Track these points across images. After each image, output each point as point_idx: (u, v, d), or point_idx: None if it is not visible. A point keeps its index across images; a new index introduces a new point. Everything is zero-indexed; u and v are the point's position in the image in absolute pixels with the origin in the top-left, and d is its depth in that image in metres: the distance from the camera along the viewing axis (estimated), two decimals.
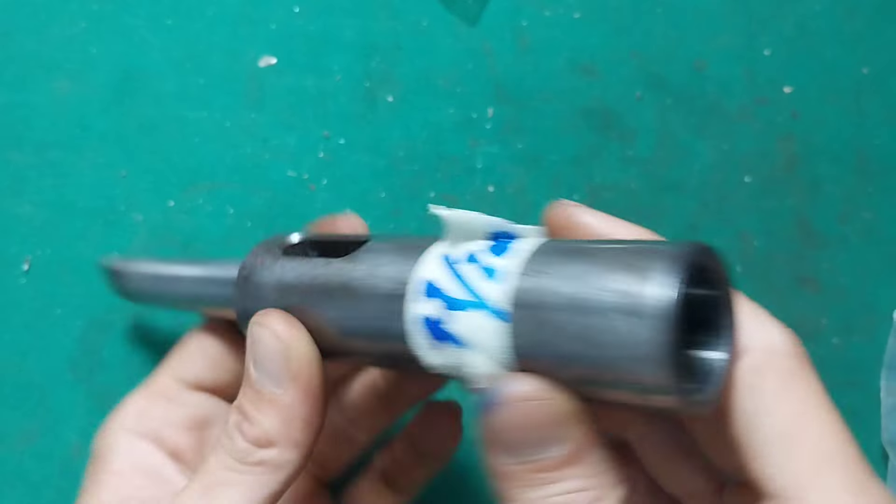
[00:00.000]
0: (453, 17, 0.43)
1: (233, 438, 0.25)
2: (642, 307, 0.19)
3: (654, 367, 0.18)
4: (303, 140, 0.41)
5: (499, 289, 0.21)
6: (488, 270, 0.22)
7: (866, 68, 0.45)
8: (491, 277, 0.21)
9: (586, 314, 0.19)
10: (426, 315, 0.22)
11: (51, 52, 0.40)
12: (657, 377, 0.19)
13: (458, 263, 0.23)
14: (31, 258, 0.39)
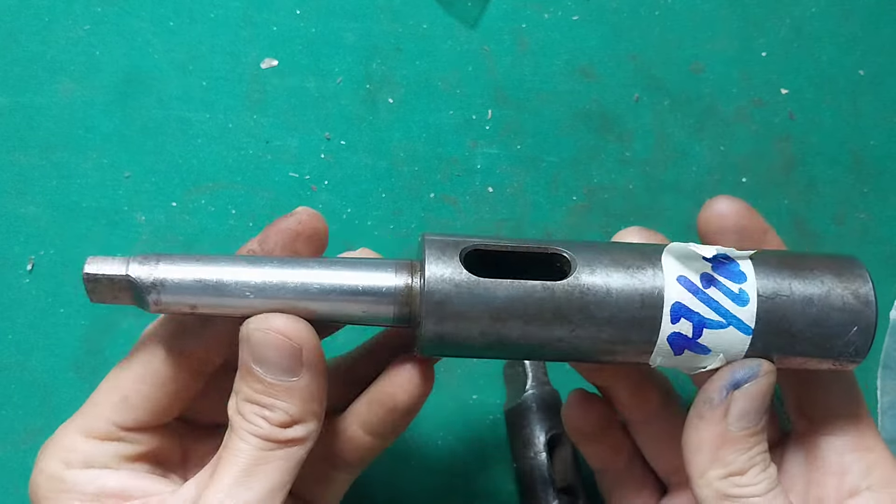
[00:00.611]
0: (453, 19, 0.43)
1: (257, 425, 0.27)
2: (861, 312, 0.28)
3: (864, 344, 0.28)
4: (304, 141, 0.41)
5: (746, 311, 0.27)
6: (734, 296, 0.27)
7: (862, 70, 0.45)
8: (737, 302, 0.27)
9: (819, 321, 0.28)
10: (676, 332, 0.27)
11: (55, 54, 0.41)
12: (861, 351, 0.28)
13: (698, 285, 0.27)
14: (35, 258, 0.39)
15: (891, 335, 0.42)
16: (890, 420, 0.42)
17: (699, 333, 0.27)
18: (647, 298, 0.27)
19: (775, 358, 0.28)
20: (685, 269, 0.27)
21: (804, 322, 0.27)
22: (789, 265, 0.28)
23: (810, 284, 0.28)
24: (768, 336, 0.27)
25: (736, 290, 0.27)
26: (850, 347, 0.28)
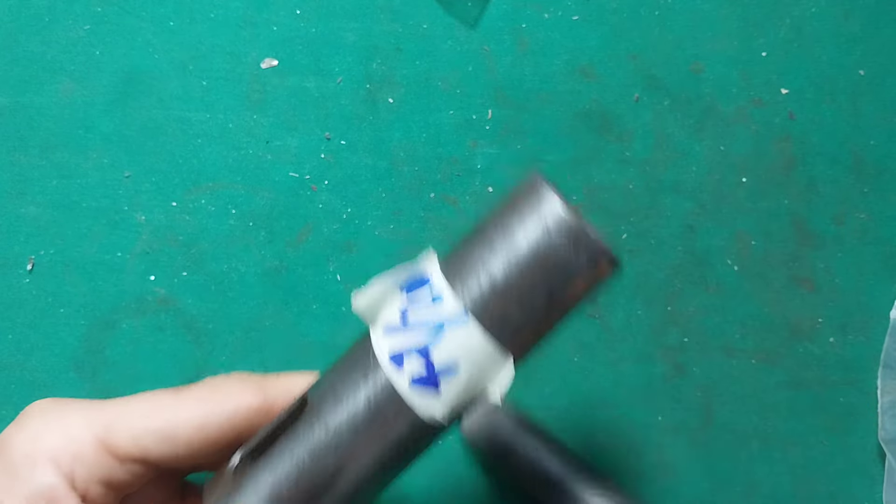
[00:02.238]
0: (453, 19, 0.43)
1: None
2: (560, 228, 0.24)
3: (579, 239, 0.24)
4: (304, 141, 0.42)
5: (446, 304, 0.24)
6: (427, 303, 0.24)
7: (863, 70, 0.45)
8: (434, 305, 0.24)
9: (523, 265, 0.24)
10: (413, 377, 0.24)
11: (55, 54, 0.41)
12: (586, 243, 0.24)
13: (402, 322, 0.24)
14: (35, 258, 0.40)
15: (891, 335, 0.42)
16: (890, 420, 0.42)
17: (428, 360, 0.24)
18: (370, 380, 0.24)
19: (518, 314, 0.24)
20: (386, 317, 0.25)
21: (506, 267, 0.23)
22: (468, 236, 0.25)
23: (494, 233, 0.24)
24: (487, 301, 0.24)
25: (429, 298, 0.24)
26: (581, 257, 0.24)
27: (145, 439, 0.26)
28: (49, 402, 0.27)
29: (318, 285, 0.41)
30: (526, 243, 0.23)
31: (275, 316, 0.40)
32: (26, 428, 0.26)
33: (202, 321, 0.40)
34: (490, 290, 0.24)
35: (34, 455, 0.25)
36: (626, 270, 0.42)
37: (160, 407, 0.26)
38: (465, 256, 0.24)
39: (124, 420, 0.26)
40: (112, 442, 0.26)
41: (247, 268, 0.40)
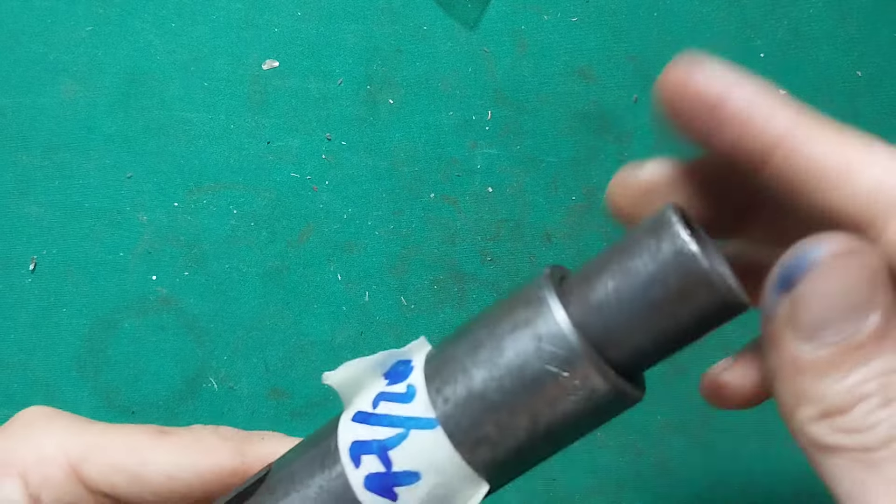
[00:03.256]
0: (453, 21, 0.43)
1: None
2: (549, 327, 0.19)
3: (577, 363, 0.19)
4: (305, 142, 0.42)
5: (417, 403, 0.21)
6: (399, 397, 0.21)
7: (860, 71, 0.45)
8: (405, 401, 0.21)
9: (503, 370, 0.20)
10: (367, 474, 0.21)
11: (57, 55, 0.41)
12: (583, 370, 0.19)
13: (371, 412, 0.22)
14: (37, 258, 0.40)
15: None
16: None
17: (387, 460, 0.21)
18: (326, 468, 0.22)
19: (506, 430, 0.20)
20: (359, 403, 0.22)
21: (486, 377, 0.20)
22: (462, 328, 0.22)
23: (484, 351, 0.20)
24: (461, 412, 0.20)
25: (403, 390, 0.21)
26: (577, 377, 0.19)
27: (116, 476, 0.25)
28: (38, 414, 0.27)
29: (319, 285, 0.41)
30: (513, 353, 0.20)
31: (276, 315, 0.40)
32: (10, 436, 0.26)
33: (204, 321, 0.40)
34: (465, 400, 0.20)
35: (6, 467, 0.25)
36: None
37: (138, 446, 0.26)
38: (450, 353, 0.21)
39: (100, 452, 0.26)
40: (84, 471, 0.26)
41: (248, 267, 0.41)
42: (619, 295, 0.19)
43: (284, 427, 0.40)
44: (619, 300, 0.19)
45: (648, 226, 0.20)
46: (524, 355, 0.20)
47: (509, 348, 0.20)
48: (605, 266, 0.20)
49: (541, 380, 0.19)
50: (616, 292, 0.19)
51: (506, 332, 0.20)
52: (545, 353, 0.19)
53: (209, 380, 0.40)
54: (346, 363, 0.22)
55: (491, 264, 0.42)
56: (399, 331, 0.41)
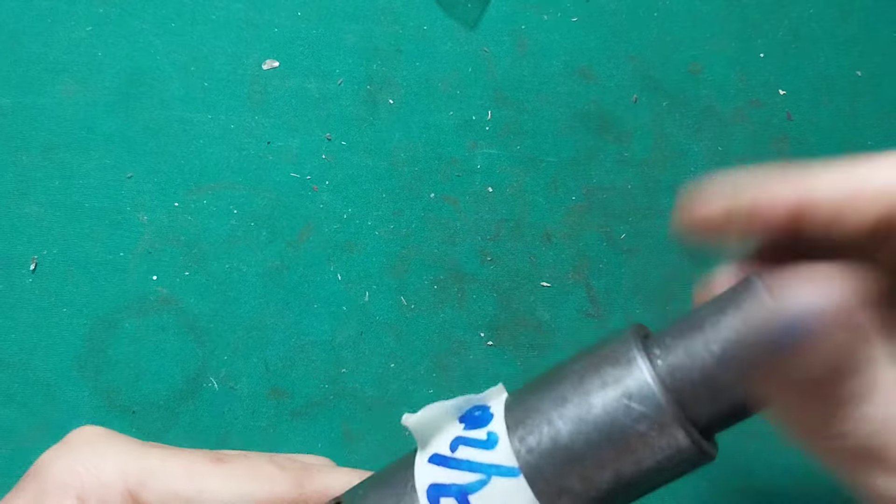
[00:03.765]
0: (453, 21, 0.43)
1: None
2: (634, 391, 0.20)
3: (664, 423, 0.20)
4: (305, 142, 0.42)
5: (499, 452, 0.21)
6: (481, 443, 0.22)
7: (860, 71, 0.45)
8: (487, 447, 0.22)
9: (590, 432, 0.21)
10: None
11: (57, 55, 0.41)
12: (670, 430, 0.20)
13: (447, 454, 0.22)
14: (37, 258, 0.40)
15: None
16: None
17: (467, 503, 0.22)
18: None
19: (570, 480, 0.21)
20: (436, 445, 0.23)
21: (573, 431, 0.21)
22: (548, 382, 0.22)
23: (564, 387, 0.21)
24: (545, 462, 0.21)
25: (483, 437, 0.22)
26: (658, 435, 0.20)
27: (173, 503, 0.26)
28: (96, 434, 0.27)
29: (319, 285, 0.41)
30: (601, 410, 0.20)
31: (276, 315, 0.40)
32: (66, 456, 0.26)
33: (204, 320, 0.40)
34: (550, 452, 0.21)
35: (65, 488, 0.25)
36: (624, 270, 0.43)
37: (196, 473, 0.26)
38: (533, 402, 0.22)
39: (158, 478, 0.26)
40: (141, 497, 0.26)
41: (248, 267, 0.41)
42: (706, 359, 0.20)
43: (285, 426, 0.40)
44: (705, 364, 0.20)
45: (739, 299, 0.20)
46: (612, 413, 0.20)
47: (597, 405, 0.20)
48: (696, 333, 0.20)
49: (628, 437, 0.20)
50: (703, 356, 0.20)
51: (594, 389, 0.21)
52: (634, 412, 0.20)
53: (210, 379, 0.40)
54: (427, 406, 0.23)
55: (491, 264, 0.42)
56: (399, 331, 0.41)
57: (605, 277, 0.42)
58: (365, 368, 0.40)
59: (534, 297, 0.42)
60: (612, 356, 0.21)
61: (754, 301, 0.20)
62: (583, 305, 0.42)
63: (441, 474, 0.22)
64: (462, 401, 0.23)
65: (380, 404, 0.40)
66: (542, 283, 0.42)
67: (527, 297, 0.42)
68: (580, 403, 0.21)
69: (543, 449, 0.21)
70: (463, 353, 0.41)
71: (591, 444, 0.20)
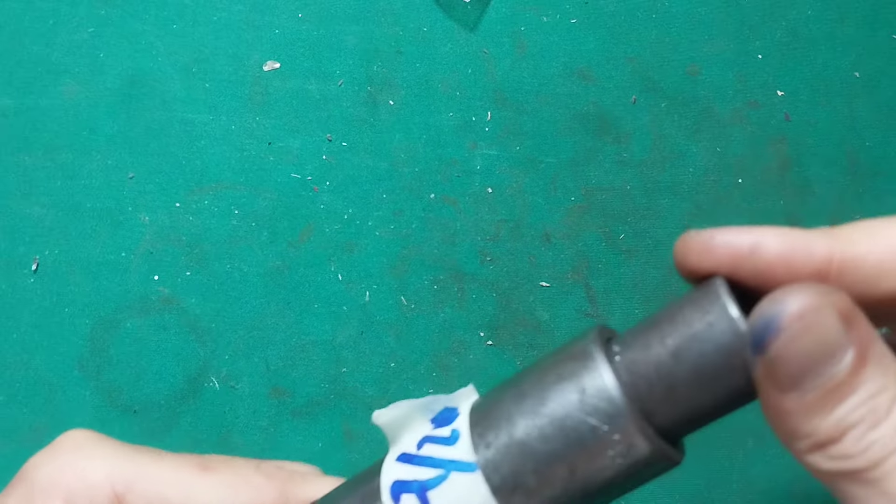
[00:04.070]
0: (453, 23, 0.44)
1: None
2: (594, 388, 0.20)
3: (617, 417, 0.20)
4: (306, 143, 0.42)
5: (460, 447, 0.21)
6: (444, 440, 0.22)
7: (858, 72, 0.46)
8: (449, 443, 0.22)
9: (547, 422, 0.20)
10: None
11: (59, 56, 0.41)
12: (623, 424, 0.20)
13: (413, 452, 0.22)
14: (39, 258, 0.40)
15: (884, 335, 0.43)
16: None
17: (426, 500, 0.22)
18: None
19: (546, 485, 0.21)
20: (404, 444, 0.23)
21: (528, 426, 0.21)
22: (510, 379, 0.22)
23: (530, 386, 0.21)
24: (501, 457, 0.21)
25: (447, 434, 0.22)
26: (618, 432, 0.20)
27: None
28: (84, 438, 0.27)
29: (320, 285, 0.41)
30: (556, 404, 0.20)
31: (277, 315, 0.41)
32: (54, 460, 0.26)
33: (205, 320, 0.40)
34: (506, 447, 0.21)
35: (52, 491, 0.25)
36: (623, 270, 0.43)
37: (182, 479, 0.26)
38: (496, 400, 0.22)
39: (145, 483, 0.26)
40: (127, 500, 0.26)
41: (249, 267, 0.41)
42: (665, 362, 0.20)
43: (285, 426, 0.40)
44: (660, 360, 0.20)
45: (697, 298, 0.20)
46: (567, 406, 0.20)
47: (553, 399, 0.20)
48: (653, 331, 0.20)
49: (581, 432, 0.20)
50: (661, 359, 0.20)
51: (551, 383, 0.21)
52: (587, 406, 0.20)
53: (211, 379, 0.40)
54: (396, 403, 0.23)
55: (491, 264, 0.42)
56: (399, 330, 0.41)
57: (604, 277, 0.42)
58: (365, 368, 0.41)
59: (533, 297, 0.42)
60: (572, 352, 0.21)
61: (712, 298, 0.20)
62: (582, 305, 0.42)
63: (405, 471, 0.22)
64: (432, 399, 0.23)
65: (380, 404, 0.40)
66: (542, 283, 0.42)
67: (526, 297, 0.42)
68: (537, 398, 0.21)
69: (500, 444, 0.21)
70: (463, 353, 0.41)
71: (545, 438, 0.20)
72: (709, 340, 0.19)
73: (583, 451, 0.20)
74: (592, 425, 0.20)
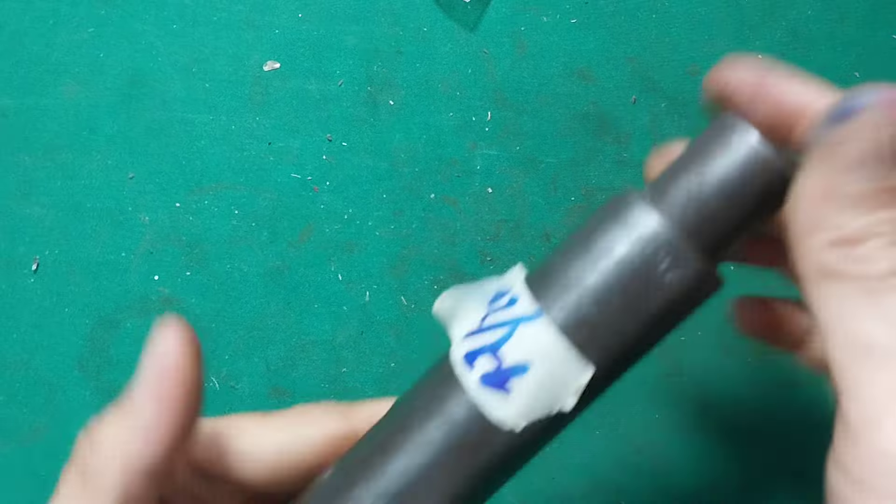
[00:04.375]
0: (453, 22, 0.44)
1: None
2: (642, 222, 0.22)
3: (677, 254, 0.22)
4: (306, 143, 0.42)
5: (521, 305, 0.23)
6: (504, 307, 0.23)
7: (857, 73, 0.46)
8: (510, 307, 0.23)
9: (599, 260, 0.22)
10: (483, 374, 0.23)
11: (59, 56, 0.41)
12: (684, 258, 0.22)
13: (478, 328, 0.24)
14: (39, 258, 0.40)
15: None
16: None
17: (498, 357, 0.23)
18: (443, 383, 0.24)
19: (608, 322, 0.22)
20: (466, 323, 0.24)
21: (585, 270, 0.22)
22: (556, 249, 0.24)
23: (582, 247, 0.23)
24: (566, 300, 0.22)
25: (505, 302, 0.24)
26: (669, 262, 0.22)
27: (230, 458, 0.26)
28: None
29: (320, 285, 0.41)
30: (609, 250, 0.22)
31: (277, 315, 0.41)
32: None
33: (205, 320, 0.40)
34: (566, 290, 0.23)
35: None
36: None
37: (246, 429, 0.26)
38: (548, 267, 0.24)
39: (212, 439, 0.26)
40: (193, 452, 0.26)
41: (249, 268, 0.41)
42: (702, 189, 0.22)
43: None
44: (698, 196, 0.22)
45: (715, 130, 0.23)
46: (622, 251, 0.22)
47: (606, 248, 0.22)
48: (680, 169, 0.23)
49: (635, 265, 0.22)
50: (697, 188, 0.22)
51: (600, 238, 0.23)
52: (638, 242, 0.22)
53: (211, 379, 0.40)
54: (451, 289, 0.25)
55: (491, 264, 0.42)
56: (399, 330, 0.41)
57: None
58: (365, 368, 0.41)
59: None
60: (614, 211, 0.23)
61: (728, 123, 0.22)
62: None
63: (472, 343, 0.24)
64: (484, 283, 0.25)
65: None
66: None
67: None
68: (588, 249, 0.23)
69: (559, 291, 0.23)
70: None
71: (602, 278, 0.22)
72: (739, 170, 0.22)
73: (639, 281, 0.22)
74: (646, 256, 0.22)
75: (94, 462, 0.23)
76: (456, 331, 0.25)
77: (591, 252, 0.23)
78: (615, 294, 0.22)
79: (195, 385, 0.23)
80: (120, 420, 0.24)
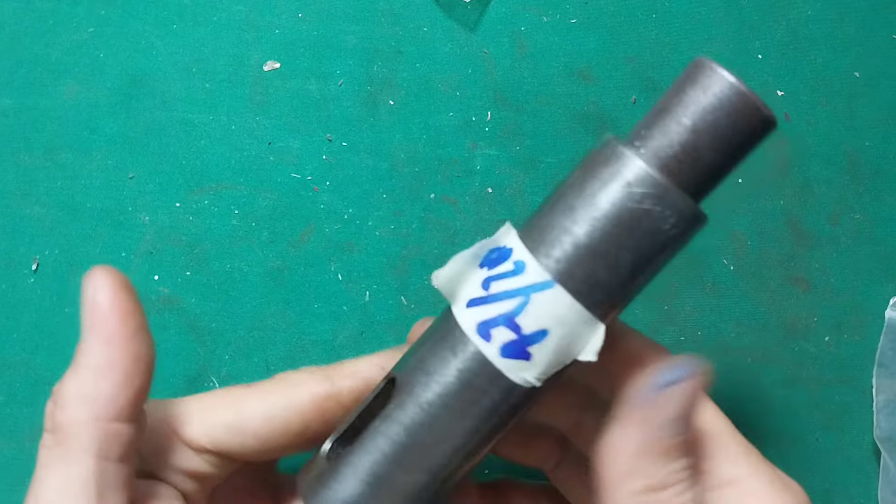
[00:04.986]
0: (453, 22, 0.44)
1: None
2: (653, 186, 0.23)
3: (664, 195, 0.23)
4: (306, 143, 0.42)
5: (531, 273, 0.24)
6: (511, 273, 0.24)
7: (858, 72, 0.46)
8: (518, 274, 0.24)
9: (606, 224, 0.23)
10: (503, 344, 0.24)
11: (59, 56, 0.41)
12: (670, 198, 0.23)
13: (485, 294, 0.24)
14: (39, 258, 0.40)
15: (886, 335, 0.43)
16: (885, 418, 0.42)
17: (516, 326, 0.24)
18: (459, 353, 0.24)
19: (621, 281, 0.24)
20: (468, 292, 0.25)
21: (588, 228, 0.23)
22: (545, 204, 0.25)
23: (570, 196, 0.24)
24: (573, 266, 0.23)
25: (511, 267, 0.24)
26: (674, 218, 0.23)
27: (216, 431, 0.26)
28: None
29: (320, 285, 0.41)
30: (608, 204, 0.23)
31: (277, 315, 0.41)
32: None
33: (205, 320, 0.40)
34: (574, 255, 0.23)
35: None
36: None
37: (230, 400, 0.27)
38: (544, 222, 0.24)
39: (197, 414, 0.27)
40: (186, 434, 0.27)
41: (249, 267, 0.41)
42: (687, 139, 0.23)
43: None
44: (687, 143, 0.23)
45: (693, 77, 0.24)
46: (619, 202, 0.23)
47: (603, 201, 0.23)
48: (666, 117, 0.24)
49: (636, 217, 0.23)
50: (683, 137, 0.23)
51: (596, 190, 0.23)
52: (636, 195, 0.23)
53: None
54: (453, 258, 0.25)
55: None
56: (400, 330, 0.41)
57: None
58: None
59: None
60: (601, 160, 0.24)
61: (707, 73, 0.23)
62: None
63: (483, 312, 0.24)
64: (478, 247, 0.25)
65: None
66: None
67: None
68: (588, 206, 0.23)
69: (569, 255, 0.23)
70: None
71: (606, 235, 0.23)
72: (719, 108, 0.23)
73: (642, 233, 0.23)
74: (645, 209, 0.23)
75: (61, 416, 0.24)
76: (456, 299, 0.25)
77: (594, 212, 0.23)
78: (624, 253, 0.23)
79: (136, 319, 0.24)
80: (76, 373, 0.25)
